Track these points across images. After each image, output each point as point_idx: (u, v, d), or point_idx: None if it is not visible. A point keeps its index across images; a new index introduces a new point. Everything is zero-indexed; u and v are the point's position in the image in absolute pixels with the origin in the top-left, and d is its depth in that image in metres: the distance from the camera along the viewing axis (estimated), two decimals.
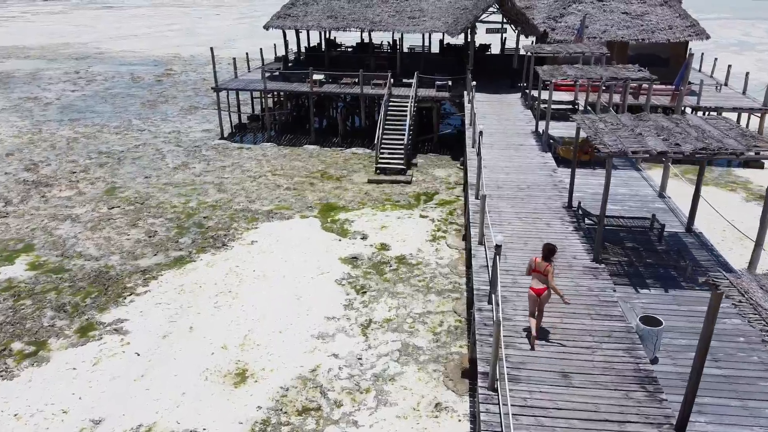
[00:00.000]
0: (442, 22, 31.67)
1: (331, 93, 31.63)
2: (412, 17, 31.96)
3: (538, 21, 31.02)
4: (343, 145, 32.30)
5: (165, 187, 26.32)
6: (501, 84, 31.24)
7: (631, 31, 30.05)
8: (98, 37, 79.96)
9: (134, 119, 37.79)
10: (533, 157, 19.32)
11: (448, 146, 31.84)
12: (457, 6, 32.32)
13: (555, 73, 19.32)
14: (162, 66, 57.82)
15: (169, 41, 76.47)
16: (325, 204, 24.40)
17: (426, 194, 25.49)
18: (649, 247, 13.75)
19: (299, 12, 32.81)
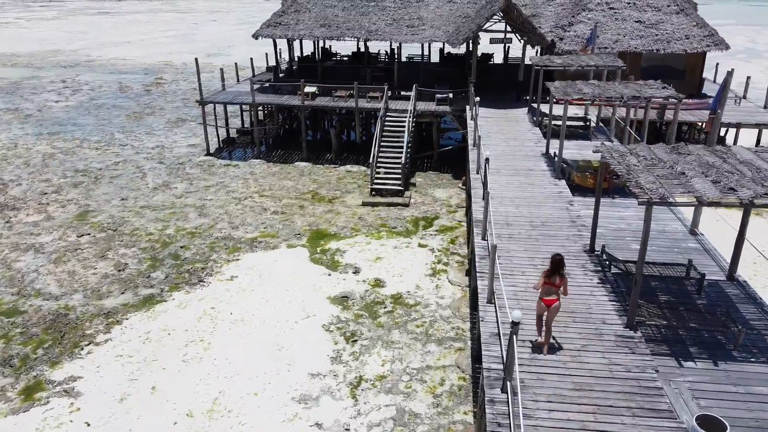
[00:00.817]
0: (442, 31, 29.65)
1: (323, 107, 29.59)
2: (410, 26, 29.95)
3: (545, 30, 29.01)
4: (337, 162, 30.24)
5: (142, 210, 24.23)
6: (506, 97, 29.20)
7: (644, 41, 28.03)
8: (90, 44, 78.10)
9: (117, 133, 35.74)
10: (546, 185, 17.23)
11: (449, 163, 29.79)
12: (458, 14, 30.30)
13: (569, 91, 17.26)
14: (153, 74, 55.87)
15: (163, 48, 74.59)
16: (315, 231, 22.31)
17: (425, 219, 23.41)
18: (688, 301, 11.65)
19: (290, 20, 30.80)
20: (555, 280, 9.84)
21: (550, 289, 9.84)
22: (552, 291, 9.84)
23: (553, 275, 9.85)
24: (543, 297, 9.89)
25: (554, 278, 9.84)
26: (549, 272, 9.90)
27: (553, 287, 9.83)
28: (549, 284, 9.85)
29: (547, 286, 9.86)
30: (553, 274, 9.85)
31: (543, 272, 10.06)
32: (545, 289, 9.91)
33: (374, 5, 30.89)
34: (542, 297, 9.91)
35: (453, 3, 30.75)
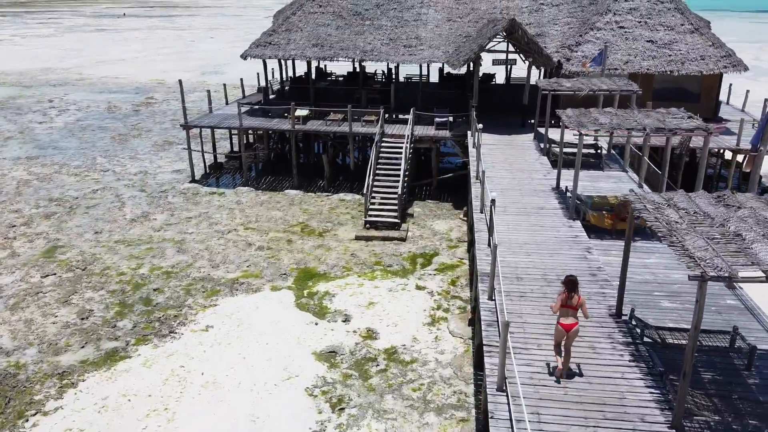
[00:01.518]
0: (441, 51, 27.94)
1: (315, 131, 27.78)
2: (408, 46, 28.24)
3: (550, 50, 27.30)
4: (330, 189, 28.39)
5: (116, 246, 22.30)
6: (510, 121, 27.40)
7: (657, 62, 26.30)
8: (83, 62, 76.66)
9: (99, 157, 33.92)
10: (559, 227, 15.33)
11: (450, 190, 27.94)
12: (458, 33, 28.61)
13: (584, 121, 15.41)
14: (143, 94, 54.24)
15: (157, 66, 73.13)
16: (303, 270, 20.36)
17: (423, 256, 21.47)
18: (737, 381, 9.70)
19: (281, 40, 29.11)
20: (573, 302, 9.57)
21: (568, 311, 9.57)
22: (569, 313, 9.57)
23: (570, 296, 9.57)
24: (561, 321, 9.58)
25: (572, 299, 9.56)
26: (565, 293, 9.63)
27: (570, 309, 9.56)
28: (566, 307, 9.57)
29: (565, 308, 9.58)
30: (571, 296, 9.57)
31: (560, 293, 9.75)
32: (563, 311, 9.63)
33: (369, 24, 29.24)
34: (560, 321, 9.59)
35: (453, 22, 29.10)
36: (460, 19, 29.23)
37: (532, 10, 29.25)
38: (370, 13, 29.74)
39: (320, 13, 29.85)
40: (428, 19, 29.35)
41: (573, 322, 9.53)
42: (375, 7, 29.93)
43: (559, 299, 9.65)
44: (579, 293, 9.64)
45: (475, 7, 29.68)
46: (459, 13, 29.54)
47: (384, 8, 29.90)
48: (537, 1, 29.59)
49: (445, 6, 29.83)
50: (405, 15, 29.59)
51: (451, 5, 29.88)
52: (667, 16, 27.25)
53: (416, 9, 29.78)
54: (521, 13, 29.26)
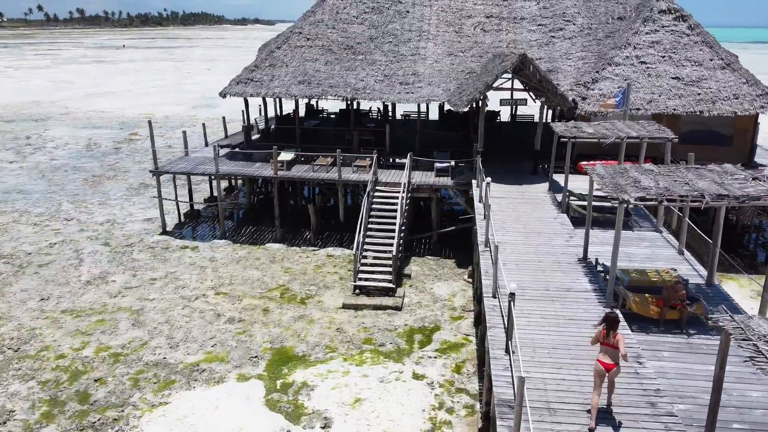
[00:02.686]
0: (442, 89, 25.05)
1: (300, 178, 24.71)
2: (404, 83, 25.37)
3: (564, 87, 24.40)
4: (317, 242, 25.23)
5: (62, 317, 19.04)
6: (519, 167, 24.38)
7: (684, 101, 23.37)
8: (73, 95, 74.40)
9: (66, 202, 30.86)
10: (593, 319, 12.05)
11: (452, 244, 24.76)
12: (461, 69, 25.77)
13: (622, 183, 12.25)
14: (128, 129, 51.54)
15: (148, 99, 70.80)
16: (279, 351, 17.06)
17: (422, 331, 18.17)
18: None
19: (264, 76, 26.27)
20: (610, 340, 9.36)
21: (608, 349, 9.38)
22: (609, 352, 9.36)
23: (609, 335, 9.38)
24: (600, 358, 9.39)
25: (610, 338, 9.36)
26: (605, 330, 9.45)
27: (610, 348, 9.36)
28: (606, 345, 9.40)
29: (605, 346, 9.42)
30: (609, 333, 9.39)
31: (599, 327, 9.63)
32: (603, 349, 9.46)
33: (362, 59, 26.42)
34: (600, 359, 9.39)
35: (454, 56, 26.29)
36: (462, 53, 26.43)
37: (541, 44, 26.47)
38: (362, 47, 26.98)
39: (308, 47, 27.09)
40: (427, 53, 26.55)
41: (611, 363, 9.25)
42: (368, 41, 27.18)
43: (595, 334, 9.57)
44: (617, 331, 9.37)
45: (478, 41, 26.91)
46: (461, 47, 26.76)
47: (378, 42, 27.14)
48: (547, 34, 26.84)
49: (446, 39, 27.07)
50: (401, 49, 26.81)
51: (452, 38, 27.12)
52: (694, 51, 24.42)
53: (414, 42, 27.02)
54: (530, 46, 26.48)
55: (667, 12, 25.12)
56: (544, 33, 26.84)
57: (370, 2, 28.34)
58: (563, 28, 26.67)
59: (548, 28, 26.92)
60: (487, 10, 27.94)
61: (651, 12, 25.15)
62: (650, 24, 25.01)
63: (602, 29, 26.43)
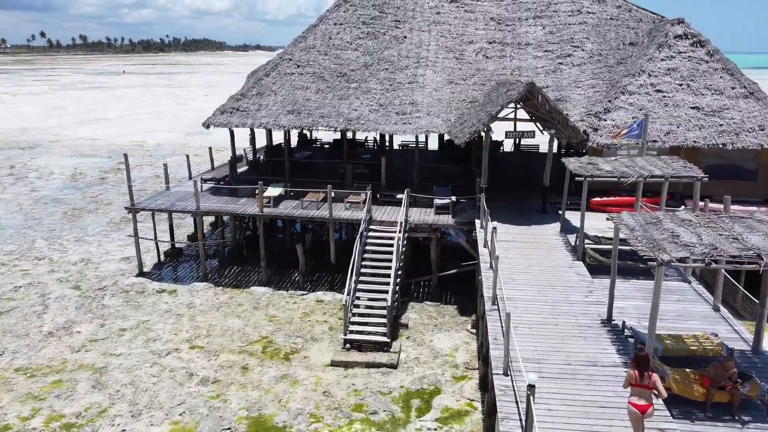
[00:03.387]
0: (441, 119, 23.21)
1: (288, 216, 22.72)
2: (401, 113, 23.54)
3: (574, 117, 22.55)
4: (306, 285, 23.15)
5: (14, 377, 16.88)
6: (526, 203, 22.43)
7: (705, 133, 21.49)
8: (65, 122, 72.93)
9: (41, 239, 28.84)
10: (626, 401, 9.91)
11: (453, 287, 22.67)
12: (462, 98, 23.95)
13: (657, 237, 10.23)
14: (117, 158, 49.73)
15: (141, 126, 69.30)
16: (255, 420, 14.87)
17: (420, 394, 15.98)
18: None
19: (251, 105, 24.46)
20: (645, 381, 8.92)
21: (641, 391, 8.93)
22: (643, 393, 8.92)
23: (643, 376, 8.93)
24: (632, 400, 8.97)
25: (643, 378, 8.93)
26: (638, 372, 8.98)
27: (644, 389, 8.92)
28: (641, 387, 8.94)
29: (637, 388, 8.96)
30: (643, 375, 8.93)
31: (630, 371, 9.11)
32: (635, 391, 9.00)
33: (356, 87, 24.63)
34: (631, 399, 8.98)
35: (455, 84, 24.51)
36: (464, 81, 24.65)
37: (548, 71, 24.70)
38: (356, 74, 25.21)
39: (298, 74, 25.34)
40: (425, 81, 24.77)
41: (646, 404, 8.92)
42: (363, 68, 25.43)
43: (627, 378, 9.17)
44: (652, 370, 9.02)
45: (480, 68, 25.16)
46: (462, 74, 24.99)
47: (373, 69, 25.38)
48: (554, 61, 25.09)
49: (446, 66, 25.31)
50: (398, 76, 25.04)
51: (452, 65, 25.38)
52: (714, 78, 22.63)
53: (411, 69, 25.26)
54: (536, 73, 24.72)
55: (684, 37, 23.41)
56: (550, 59, 25.10)
57: (364, 27, 26.68)
58: (571, 55, 24.94)
59: (555, 54, 25.20)
60: (490, 35, 26.26)
61: (666, 37, 23.43)
62: (666, 50, 23.28)
63: (613, 55, 24.69)
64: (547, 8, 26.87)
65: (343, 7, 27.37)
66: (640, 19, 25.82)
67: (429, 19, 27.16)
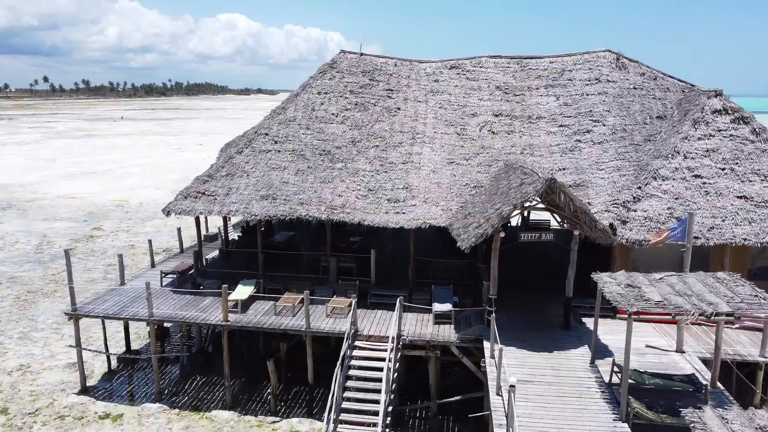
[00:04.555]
0: (441, 208, 19.68)
1: (255, 327, 18.91)
2: (393, 200, 20.02)
3: (598, 207, 19.02)
4: (278, 408, 19.20)
5: None
6: (545, 313, 18.68)
7: (756, 228, 17.91)
8: (49, 176, 69.82)
9: None
10: None
11: (457, 415, 18.68)
12: (464, 182, 20.45)
13: None
14: (93, 221, 46.26)
15: (128, 181, 66.18)
16: None
17: None
18: None
19: (219, 188, 20.98)
20: None
21: None
22: None
23: None
24: None
25: None
26: None
27: None
28: None
29: None
30: None
31: None
32: None
33: (342, 167, 21.19)
34: None
35: (456, 165, 21.06)
36: (466, 161, 21.20)
37: (565, 150, 21.27)
38: (342, 152, 21.80)
39: (275, 152, 21.95)
40: (422, 160, 21.32)
41: None
42: (350, 144, 22.04)
43: None
44: None
45: (486, 145, 21.75)
46: (464, 152, 21.57)
47: (362, 145, 21.98)
48: (571, 137, 21.69)
49: (445, 143, 21.91)
50: (390, 155, 21.62)
51: (453, 142, 21.98)
52: (762, 161, 19.21)
53: (405, 147, 21.86)
54: (550, 152, 21.30)
55: (723, 112, 20.10)
56: (567, 135, 21.73)
57: (353, 97, 23.42)
58: (591, 130, 21.59)
59: (572, 129, 21.84)
60: (496, 106, 22.97)
61: (702, 112, 20.10)
62: (702, 127, 19.92)
63: (639, 131, 21.34)
64: (561, 76, 23.66)
65: (328, 74, 24.17)
66: (667, 89, 22.58)
67: (426, 88, 23.94)
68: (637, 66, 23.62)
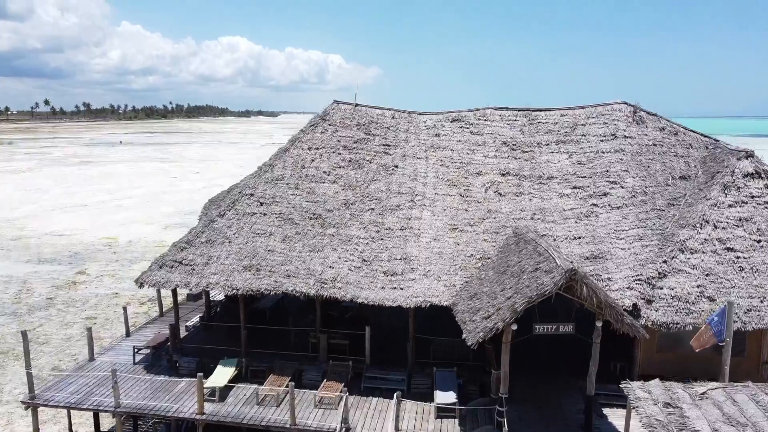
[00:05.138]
0: (443, 283, 17.64)
1: (233, 423, 16.71)
2: (390, 273, 18.00)
3: (620, 284, 16.99)
4: None
5: None
6: (562, 408, 16.49)
7: None
8: (39, 209, 67.88)
9: None
10: None
11: None
12: (469, 253, 18.43)
13: None
14: (78, 264, 44.19)
15: (119, 215, 64.24)
16: None
17: None
18: None
19: (198, 257, 18.97)
20: None
21: None
22: None
23: None
24: None
25: None
26: None
27: None
28: None
29: None
30: None
31: None
32: None
33: (333, 234, 19.20)
34: None
35: (460, 232, 19.08)
36: (471, 227, 19.20)
37: (580, 215, 19.28)
38: (334, 215, 19.81)
39: (260, 215, 19.97)
40: (422, 226, 19.33)
41: None
42: (342, 207, 20.06)
43: None
44: None
45: (492, 209, 19.77)
46: (468, 217, 19.57)
47: (356, 208, 19.99)
48: (587, 201, 19.71)
49: (448, 206, 19.94)
50: (387, 220, 19.63)
51: (456, 205, 20.00)
52: None
53: (404, 210, 19.88)
54: (564, 218, 19.31)
55: (756, 176, 18.19)
56: (582, 198, 19.77)
57: (346, 153, 21.51)
58: (608, 193, 19.64)
59: (587, 192, 19.88)
60: (503, 165, 21.04)
61: (733, 176, 18.17)
62: (733, 192, 17.98)
63: (661, 193, 19.38)
64: (573, 131, 21.77)
65: (320, 127, 22.31)
66: (689, 145, 20.69)
67: (426, 143, 22.06)
68: (656, 119, 21.75)
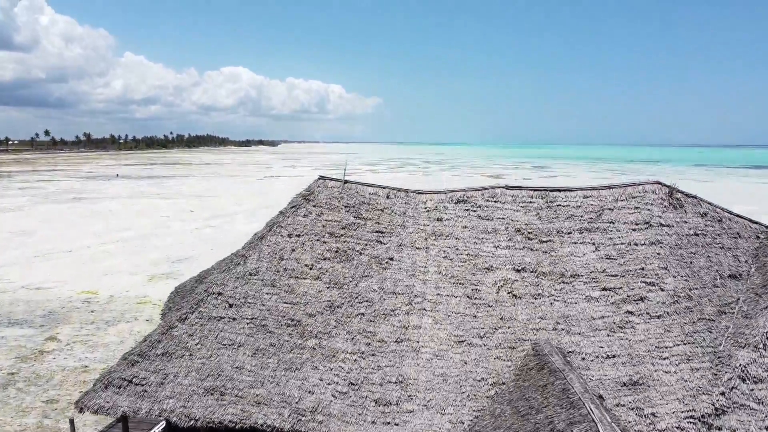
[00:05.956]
0: (448, 419, 14.23)
1: None
2: (383, 402, 14.65)
3: (667, 421, 13.62)
4: None
5: None
6: None
7: None
8: (20, 256, 64.62)
9: None
10: None
11: None
12: (479, 375, 15.05)
13: None
14: (49, 327, 40.73)
15: (104, 263, 60.97)
16: None
17: None
18: None
19: (151, 374, 15.65)
20: None
21: None
22: None
23: None
24: None
25: None
26: None
27: None
28: None
29: None
30: None
31: None
32: None
33: (315, 346, 15.85)
34: None
35: (468, 346, 15.68)
36: (481, 340, 15.91)
37: (611, 326, 15.99)
38: (316, 322, 16.52)
39: (228, 320, 16.69)
40: (422, 338, 16.04)
41: None
42: (327, 310, 16.78)
43: None
44: None
45: (506, 315, 16.49)
46: (478, 326, 16.27)
47: (342, 313, 16.72)
48: (619, 306, 16.40)
49: (452, 312, 16.66)
50: (380, 329, 16.33)
51: (463, 309, 16.71)
52: None
53: (400, 316, 16.61)
54: (593, 329, 16.01)
55: None
56: (614, 304, 16.51)
57: (332, 241, 18.32)
58: (645, 297, 16.40)
59: (620, 295, 16.62)
60: (517, 257, 17.79)
61: None
62: None
63: (709, 297, 16.16)
64: (599, 217, 18.51)
65: (303, 209, 19.11)
66: (737, 234, 17.54)
67: (426, 229, 18.86)
68: (696, 203, 18.62)
